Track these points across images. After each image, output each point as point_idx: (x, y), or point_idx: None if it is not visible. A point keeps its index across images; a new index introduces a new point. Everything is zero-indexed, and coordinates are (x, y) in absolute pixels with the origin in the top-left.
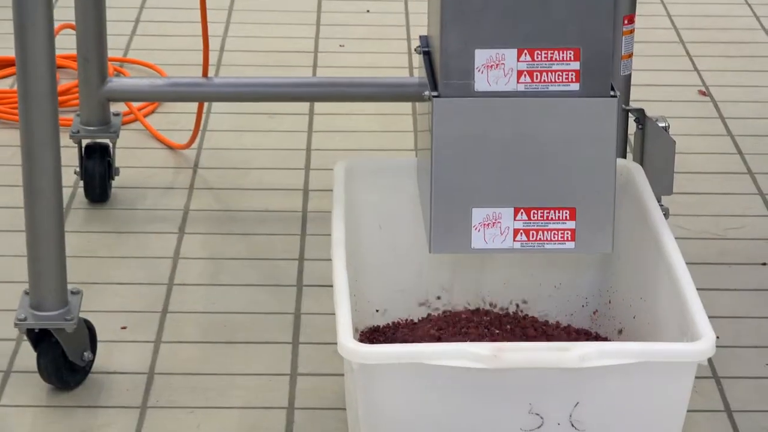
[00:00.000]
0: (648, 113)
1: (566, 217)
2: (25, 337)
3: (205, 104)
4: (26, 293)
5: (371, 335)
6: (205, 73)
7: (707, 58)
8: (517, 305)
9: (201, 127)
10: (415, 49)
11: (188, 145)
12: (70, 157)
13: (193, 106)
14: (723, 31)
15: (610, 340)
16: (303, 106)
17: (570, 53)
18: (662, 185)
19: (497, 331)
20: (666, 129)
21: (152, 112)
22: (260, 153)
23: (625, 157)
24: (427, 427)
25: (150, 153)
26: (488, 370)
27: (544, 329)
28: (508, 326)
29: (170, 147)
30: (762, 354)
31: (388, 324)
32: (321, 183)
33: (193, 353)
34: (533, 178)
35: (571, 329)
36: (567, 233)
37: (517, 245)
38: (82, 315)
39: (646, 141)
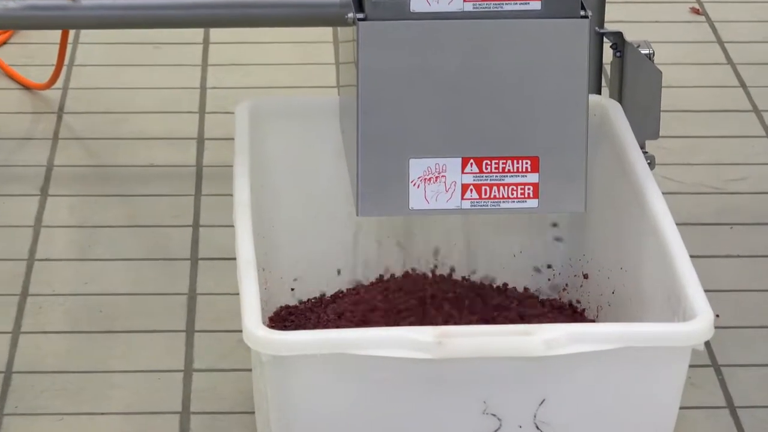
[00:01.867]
0: (628, 38)
1: (527, 168)
2: None
3: (71, 32)
4: None
5: (285, 319)
6: None
7: None
8: (465, 276)
9: (66, 62)
10: None
11: (50, 85)
12: None
13: (56, 35)
14: None
15: (587, 320)
16: (195, 34)
17: None
18: (646, 127)
19: (446, 298)
20: (650, 57)
21: (4, 43)
22: (142, 93)
23: (599, 92)
24: None
25: (2, 95)
26: (432, 360)
27: (508, 298)
28: (457, 297)
29: (27, 87)
30: None
31: (307, 304)
32: (219, 130)
33: (61, 346)
34: (486, 121)
35: (544, 302)
36: (528, 189)
37: (467, 204)
38: None
39: (625, 72)
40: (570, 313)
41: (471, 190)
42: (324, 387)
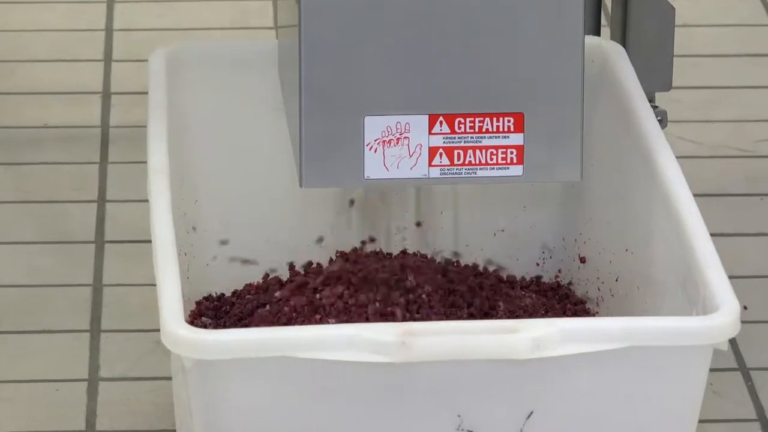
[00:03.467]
0: None
1: (509, 127)
2: None
3: None
4: None
5: (213, 314)
6: None
7: None
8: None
9: None
10: None
11: None
12: None
13: None
14: None
15: (585, 313)
16: None
17: None
18: (656, 76)
19: (414, 284)
20: None
21: None
22: (34, 37)
23: (598, 33)
24: None
25: None
26: (394, 365)
27: (489, 286)
28: (429, 284)
29: None
30: None
31: (240, 295)
32: (130, 82)
33: None
34: (458, 69)
35: (532, 291)
36: (511, 153)
37: (435, 172)
38: None
39: (630, 8)
40: (564, 305)
41: (440, 154)
42: (262, 398)
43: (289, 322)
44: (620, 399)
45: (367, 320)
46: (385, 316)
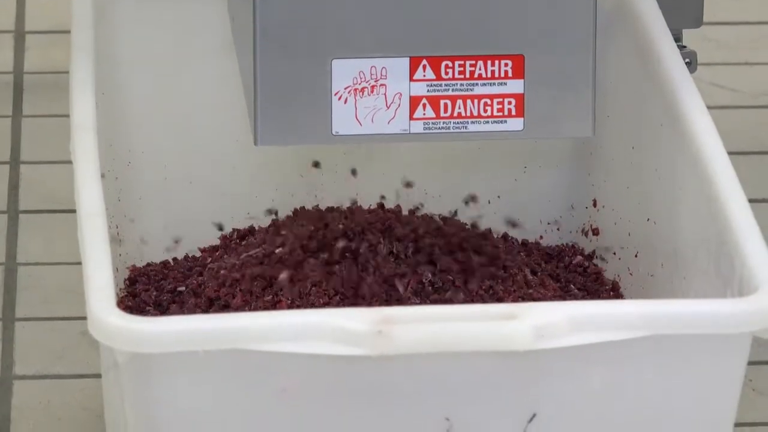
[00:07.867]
0: None
1: (507, 72)
2: None
3: None
4: None
5: (151, 296)
6: None
7: None
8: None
9: None
10: None
11: None
12: None
13: None
14: None
15: (598, 295)
16: None
17: None
18: (684, 9)
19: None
20: None
21: None
22: None
23: None
24: None
25: None
26: (369, 358)
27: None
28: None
29: None
30: None
31: (181, 269)
32: (47, 20)
33: None
34: (446, 2)
35: (535, 269)
36: (509, 103)
37: (418, 126)
38: None
39: None
40: (573, 285)
41: (424, 105)
42: (210, 398)
43: (242, 305)
44: (640, 398)
45: (343, 301)
46: (364, 294)
